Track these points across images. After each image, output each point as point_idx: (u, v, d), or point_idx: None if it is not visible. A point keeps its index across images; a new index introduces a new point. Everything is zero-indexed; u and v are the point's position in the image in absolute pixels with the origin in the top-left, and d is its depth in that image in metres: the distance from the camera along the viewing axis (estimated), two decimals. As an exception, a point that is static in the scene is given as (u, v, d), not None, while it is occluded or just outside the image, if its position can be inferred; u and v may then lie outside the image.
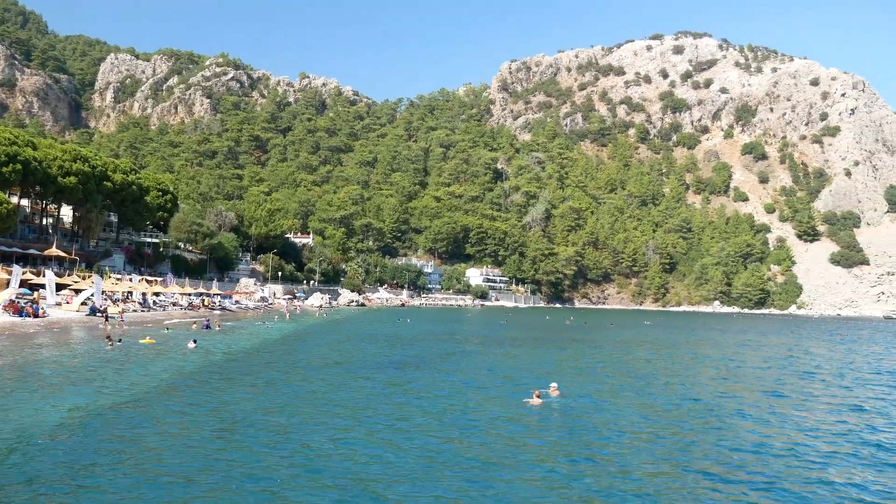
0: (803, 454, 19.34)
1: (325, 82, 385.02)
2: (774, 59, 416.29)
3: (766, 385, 34.74)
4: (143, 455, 16.71)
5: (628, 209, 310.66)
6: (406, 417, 23.02)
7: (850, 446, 20.64)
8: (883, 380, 39.11)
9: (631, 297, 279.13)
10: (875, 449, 20.40)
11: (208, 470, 15.69)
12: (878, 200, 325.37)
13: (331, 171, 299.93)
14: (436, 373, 35.67)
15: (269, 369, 34.39)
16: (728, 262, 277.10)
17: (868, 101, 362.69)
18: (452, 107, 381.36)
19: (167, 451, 17.21)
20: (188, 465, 15.93)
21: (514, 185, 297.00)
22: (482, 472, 16.63)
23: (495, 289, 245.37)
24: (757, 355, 55.56)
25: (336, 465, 16.73)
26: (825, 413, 26.73)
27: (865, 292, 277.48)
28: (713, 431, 22.24)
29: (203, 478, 15.06)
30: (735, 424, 23.62)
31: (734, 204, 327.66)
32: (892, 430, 23.36)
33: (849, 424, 24.23)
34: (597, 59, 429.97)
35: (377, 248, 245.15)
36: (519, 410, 25.08)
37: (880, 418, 25.87)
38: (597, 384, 33.07)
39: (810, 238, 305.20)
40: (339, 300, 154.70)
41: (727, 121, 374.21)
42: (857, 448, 20.42)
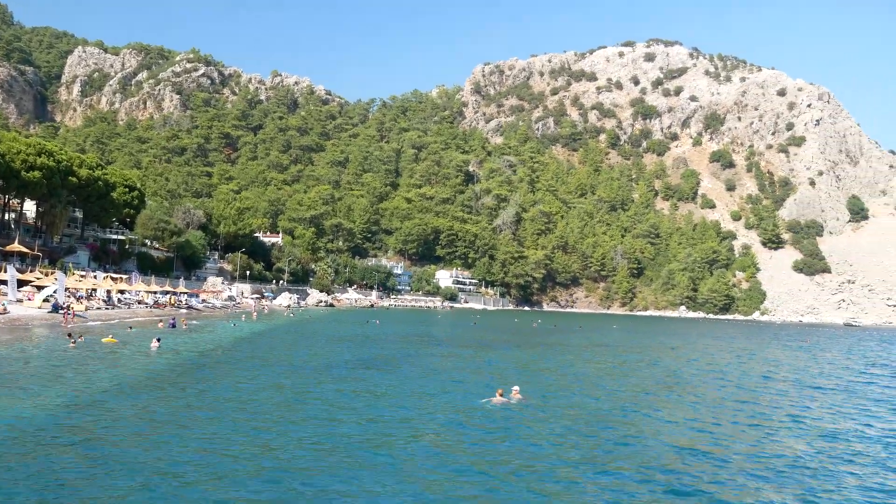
0: (744, 459, 19.70)
1: (297, 81, 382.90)
2: (743, 68, 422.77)
3: (743, 395, 35.27)
4: (96, 457, 16.50)
5: (598, 214, 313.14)
6: (369, 418, 23.02)
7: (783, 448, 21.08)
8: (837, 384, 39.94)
9: (599, 301, 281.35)
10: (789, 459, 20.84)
11: (164, 473, 15.56)
12: (841, 210, 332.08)
13: (302, 170, 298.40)
14: (401, 374, 35.69)
15: (234, 369, 34.14)
16: (694, 267, 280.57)
17: (833, 113, 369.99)
18: (425, 108, 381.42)
19: (121, 453, 17.02)
20: (144, 468, 15.77)
21: (486, 187, 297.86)
22: (435, 472, 16.71)
23: (465, 291, 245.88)
24: (725, 361, 56.39)
25: (295, 468, 16.68)
26: (775, 417, 27.25)
27: (826, 300, 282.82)
28: (666, 437, 22.53)
29: (157, 480, 14.94)
30: (694, 433, 23.95)
31: (701, 211, 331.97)
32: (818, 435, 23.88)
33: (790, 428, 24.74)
34: (569, 64, 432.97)
35: (347, 249, 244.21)
36: (480, 411, 25.20)
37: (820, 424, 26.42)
38: (560, 387, 33.33)
39: (774, 246, 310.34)
40: (307, 300, 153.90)
41: (696, 128, 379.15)
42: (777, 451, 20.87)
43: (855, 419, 27.95)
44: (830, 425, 26.06)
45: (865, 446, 22.44)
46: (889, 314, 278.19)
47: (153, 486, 14.45)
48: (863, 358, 67.99)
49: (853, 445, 22.44)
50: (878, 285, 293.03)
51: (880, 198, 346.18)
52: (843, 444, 22.64)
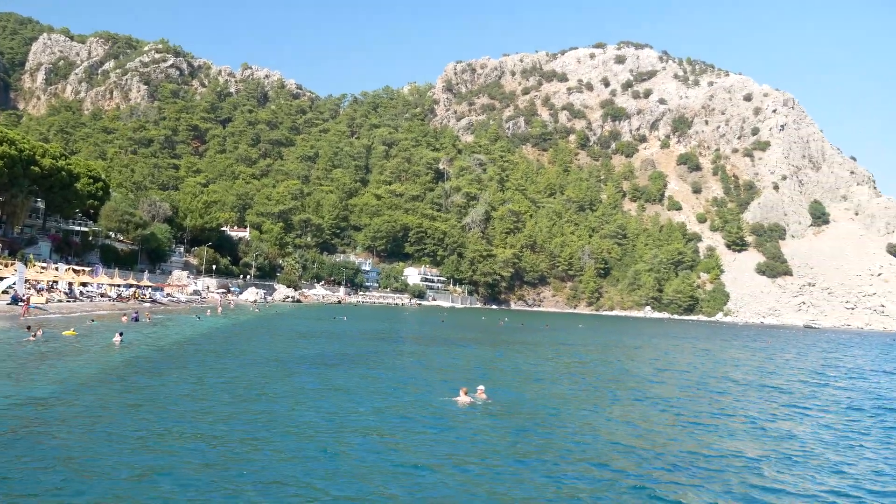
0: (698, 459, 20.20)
1: (267, 74, 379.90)
2: (711, 73, 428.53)
3: (695, 392, 35.94)
4: (51, 453, 16.42)
5: (566, 214, 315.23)
6: (332, 414, 23.13)
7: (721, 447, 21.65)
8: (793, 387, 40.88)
9: (566, 300, 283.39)
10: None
11: (121, 465, 15.56)
12: (803, 214, 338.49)
13: (271, 164, 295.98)
14: (365, 371, 35.79)
15: (197, 364, 33.98)
16: (660, 268, 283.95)
17: (797, 119, 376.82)
18: (396, 105, 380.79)
19: (79, 448, 16.96)
20: (100, 463, 15.74)
21: (455, 185, 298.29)
22: (398, 470, 16.91)
23: (433, 288, 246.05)
24: (686, 361, 57.28)
25: (255, 464, 16.77)
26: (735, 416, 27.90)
27: (787, 302, 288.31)
28: (620, 437, 22.98)
29: (117, 473, 14.94)
30: (654, 430, 24.42)
31: (668, 212, 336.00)
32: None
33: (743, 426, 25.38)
34: (541, 64, 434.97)
35: (315, 245, 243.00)
36: (444, 410, 25.43)
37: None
38: (525, 386, 33.71)
39: (738, 248, 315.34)
40: (274, 296, 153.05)
41: (664, 131, 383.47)
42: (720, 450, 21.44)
43: (794, 419, 28.71)
44: (772, 424, 26.76)
45: (803, 446, 23.10)
46: (847, 317, 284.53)
47: (93, 481, 14.38)
48: (818, 360, 69.52)
49: (791, 445, 23.10)
50: (837, 288, 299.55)
51: (841, 203, 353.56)
52: (784, 443, 23.29)
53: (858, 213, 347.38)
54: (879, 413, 31.39)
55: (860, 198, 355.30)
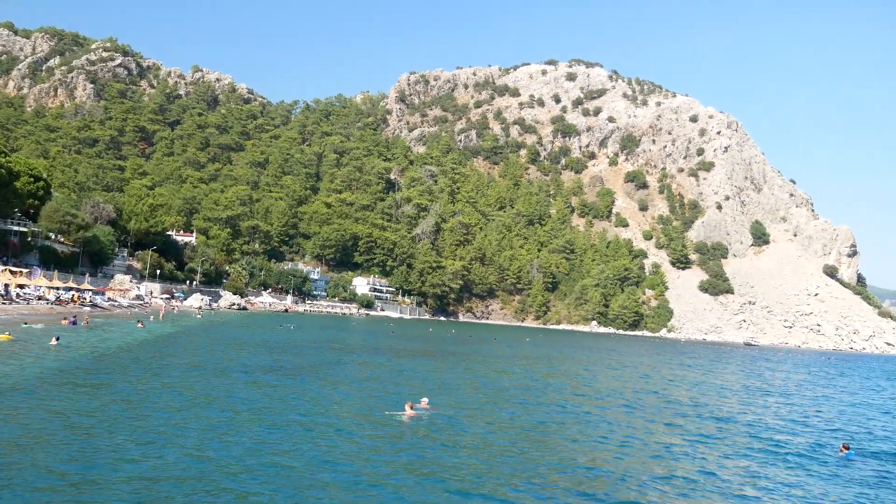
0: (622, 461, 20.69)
1: (218, 77, 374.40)
2: (659, 93, 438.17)
3: (633, 405, 36.62)
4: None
5: (515, 227, 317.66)
6: (275, 425, 22.97)
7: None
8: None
9: (514, 313, 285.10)
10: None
11: (51, 472, 15.24)
12: (745, 234, 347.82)
13: (219, 169, 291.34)
14: (312, 381, 35.57)
15: (134, 371, 33.31)
16: (606, 284, 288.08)
17: (740, 141, 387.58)
18: (349, 113, 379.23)
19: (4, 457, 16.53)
20: (27, 475, 15.35)
21: (406, 196, 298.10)
22: (339, 484, 16.91)
23: (381, 299, 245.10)
24: (619, 375, 58.31)
25: (188, 475, 16.56)
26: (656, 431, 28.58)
27: (729, 319, 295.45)
28: (563, 448, 23.37)
29: (46, 483, 14.61)
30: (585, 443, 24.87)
31: (615, 229, 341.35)
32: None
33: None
34: (494, 78, 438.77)
35: (263, 252, 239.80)
36: (388, 423, 25.46)
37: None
38: (470, 398, 33.93)
39: (682, 266, 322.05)
40: (219, 302, 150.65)
41: (613, 149, 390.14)
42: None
43: (686, 435, 29.56)
44: (671, 440, 27.53)
45: (691, 464, 23.84)
46: (785, 335, 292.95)
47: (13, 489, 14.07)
48: (745, 377, 71.50)
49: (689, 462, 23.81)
50: (775, 307, 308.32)
51: (780, 224, 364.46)
52: (678, 461, 24.00)
53: (797, 235, 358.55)
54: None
55: (799, 220, 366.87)
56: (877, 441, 30.77)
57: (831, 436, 31.21)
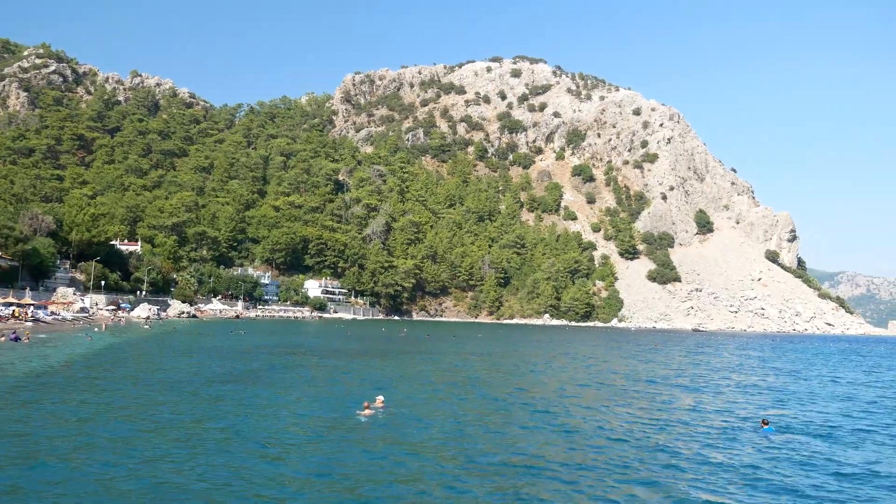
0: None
1: (158, 82, 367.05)
2: (602, 87, 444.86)
3: (583, 398, 37.33)
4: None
5: (466, 224, 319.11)
6: (231, 433, 22.87)
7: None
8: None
9: (467, 309, 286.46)
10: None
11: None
12: (690, 223, 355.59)
13: (163, 175, 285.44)
14: (268, 386, 35.39)
15: (80, 386, 32.69)
16: (558, 277, 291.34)
17: (682, 132, 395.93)
18: (294, 115, 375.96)
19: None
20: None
21: (355, 197, 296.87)
22: (300, 486, 17.00)
23: (334, 301, 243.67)
24: (568, 365, 59.28)
25: (144, 487, 16.47)
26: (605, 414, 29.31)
27: (677, 307, 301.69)
28: (509, 445, 23.81)
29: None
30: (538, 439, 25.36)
31: (564, 222, 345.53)
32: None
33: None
34: (439, 76, 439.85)
35: (211, 258, 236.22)
36: (347, 422, 25.58)
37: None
38: (424, 396, 34.19)
39: (631, 256, 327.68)
40: (168, 311, 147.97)
41: (559, 143, 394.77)
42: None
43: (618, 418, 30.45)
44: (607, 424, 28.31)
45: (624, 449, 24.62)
46: (731, 320, 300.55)
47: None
48: (686, 362, 73.32)
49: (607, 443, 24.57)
50: (721, 293, 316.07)
51: (723, 212, 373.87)
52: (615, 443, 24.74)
53: (739, 222, 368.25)
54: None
55: (741, 207, 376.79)
56: (794, 416, 32.17)
57: (756, 412, 32.66)
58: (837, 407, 36.96)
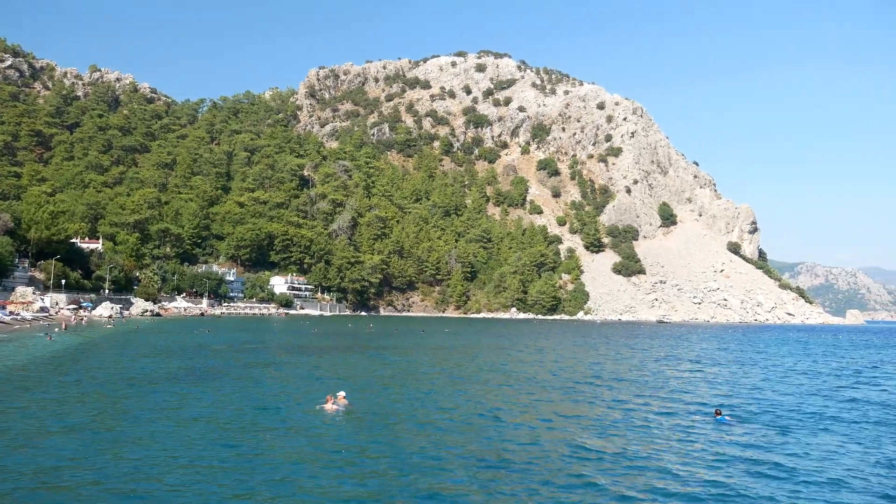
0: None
1: (119, 77, 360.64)
2: (566, 82, 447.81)
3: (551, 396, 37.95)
4: None
5: (432, 219, 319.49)
6: (196, 431, 22.98)
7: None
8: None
9: (434, 304, 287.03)
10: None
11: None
12: (653, 216, 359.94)
13: (124, 172, 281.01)
14: (233, 383, 35.41)
15: (42, 386, 32.43)
16: (524, 270, 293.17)
17: (645, 126, 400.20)
18: (258, 110, 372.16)
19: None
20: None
21: (321, 192, 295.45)
22: (262, 479, 17.24)
23: (300, 297, 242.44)
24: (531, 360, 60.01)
25: (111, 484, 16.59)
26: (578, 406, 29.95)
27: (642, 299, 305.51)
28: (476, 440, 24.31)
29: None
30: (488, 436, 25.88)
31: (530, 216, 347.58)
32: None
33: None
34: (404, 71, 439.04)
35: (175, 255, 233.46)
36: (309, 418, 25.80)
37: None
38: (388, 391, 34.53)
39: (596, 249, 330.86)
40: (131, 310, 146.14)
41: (524, 138, 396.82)
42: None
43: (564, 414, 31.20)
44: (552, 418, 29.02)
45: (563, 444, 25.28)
46: (695, 311, 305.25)
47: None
48: (647, 353, 74.62)
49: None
50: (685, 285, 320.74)
51: (686, 205, 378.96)
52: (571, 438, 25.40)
53: (702, 215, 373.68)
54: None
55: (703, 200, 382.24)
56: (748, 405, 33.16)
57: (710, 401, 33.65)
58: (793, 395, 38.06)
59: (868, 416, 30.77)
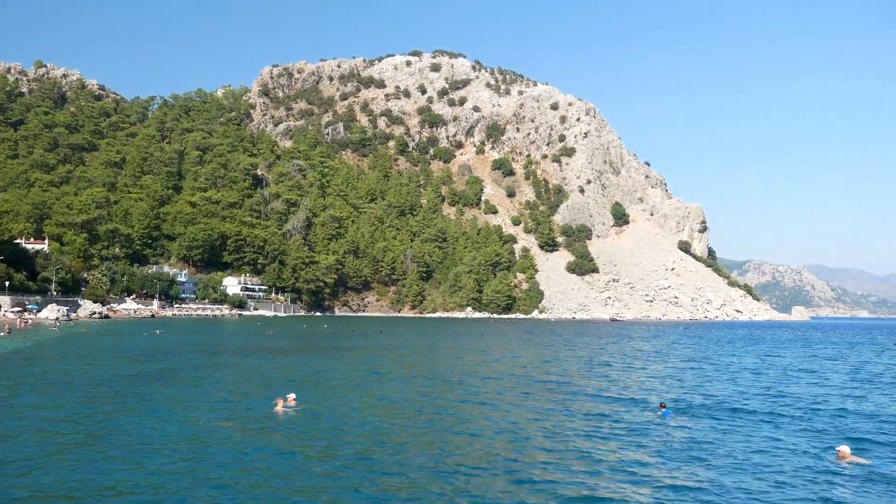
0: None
1: (65, 73, 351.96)
2: (521, 82, 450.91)
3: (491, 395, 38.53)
4: None
5: (388, 219, 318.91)
6: (143, 436, 22.93)
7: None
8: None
9: (390, 304, 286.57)
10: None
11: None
12: (606, 215, 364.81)
13: (71, 171, 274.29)
14: (182, 385, 35.21)
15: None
16: (479, 270, 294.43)
17: (598, 127, 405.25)
18: (210, 109, 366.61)
19: None
20: None
21: (275, 192, 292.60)
22: (206, 484, 17.41)
23: (254, 298, 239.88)
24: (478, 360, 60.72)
25: (57, 489, 16.58)
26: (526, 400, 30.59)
27: (595, 297, 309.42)
28: (421, 440, 24.75)
29: None
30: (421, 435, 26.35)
31: (485, 216, 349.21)
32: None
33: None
34: (359, 70, 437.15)
35: (125, 256, 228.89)
36: (259, 420, 25.90)
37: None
38: (338, 392, 34.73)
39: (550, 248, 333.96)
40: (79, 312, 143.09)
41: (479, 137, 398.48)
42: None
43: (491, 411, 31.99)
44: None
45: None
46: (647, 308, 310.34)
47: None
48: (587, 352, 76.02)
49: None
50: (637, 283, 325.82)
51: (638, 205, 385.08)
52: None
53: (653, 214, 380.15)
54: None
55: (654, 200, 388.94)
56: (691, 400, 34.35)
57: (656, 396, 34.75)
58: (735, 389, 39.32)
59: (796, 413, 32.07)
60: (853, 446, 22.67)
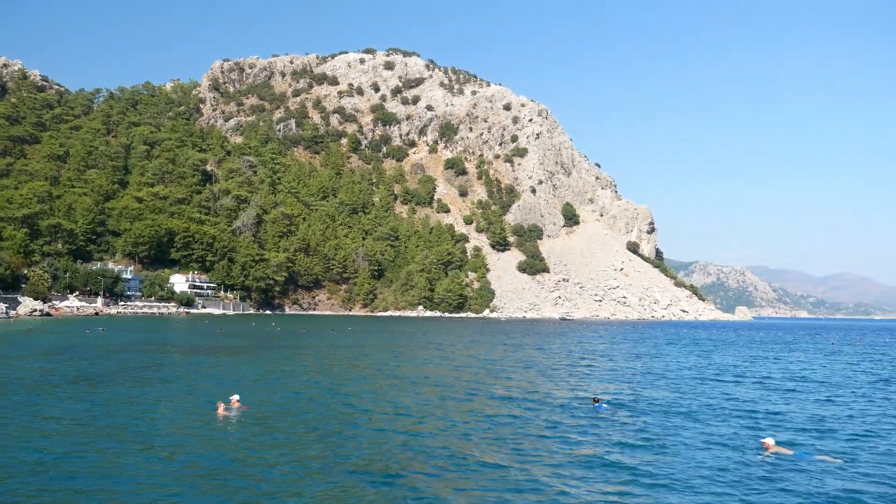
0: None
1: (6, 63, 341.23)
2: (474, 83, 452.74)
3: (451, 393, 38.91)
4: None
5: (339, 217, 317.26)
6: (84, 439, 22.70)
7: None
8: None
9: (341, 302, 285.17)
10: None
11: None
12: (557, 216, 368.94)
13: (12, 164, 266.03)
14: (124, 385, 34.76)
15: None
16: (431, 269, 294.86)
17: (550, 128, 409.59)
18: (158, 103, 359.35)
19: None
20: None
21: (225, 188, 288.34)
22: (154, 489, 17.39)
23: (202, 295, 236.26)
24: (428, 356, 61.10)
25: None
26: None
27: (546, 297, 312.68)
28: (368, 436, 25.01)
29: None
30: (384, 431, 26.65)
31: (437, 215, 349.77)
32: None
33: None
34: (311, 66, 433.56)
35: (68, 252, 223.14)
36: (201, 423, 25.79)
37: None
38: (284, 393, 34.71)
39: (502, 248, 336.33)
40: (18, 310, 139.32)
41: (432, 136, 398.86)
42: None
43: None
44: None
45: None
46: (596, 308, 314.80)
47: None
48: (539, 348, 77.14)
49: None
50: (587, 283, 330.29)
51: (588, 205, 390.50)
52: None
53: (603, 215, 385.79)
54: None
55: (604, 201, 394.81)
56: (626, 394, 35.45)
57: (589, 391, 35.78)
58: (671, 385, 40.40)
59: (730, 409, 33.18)
60: (777, 438, 23.81)
